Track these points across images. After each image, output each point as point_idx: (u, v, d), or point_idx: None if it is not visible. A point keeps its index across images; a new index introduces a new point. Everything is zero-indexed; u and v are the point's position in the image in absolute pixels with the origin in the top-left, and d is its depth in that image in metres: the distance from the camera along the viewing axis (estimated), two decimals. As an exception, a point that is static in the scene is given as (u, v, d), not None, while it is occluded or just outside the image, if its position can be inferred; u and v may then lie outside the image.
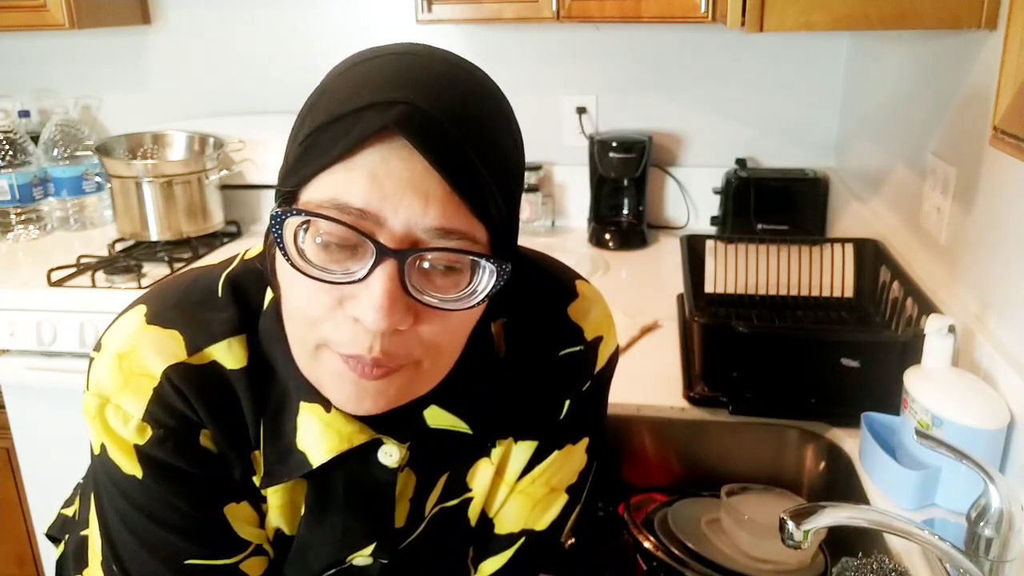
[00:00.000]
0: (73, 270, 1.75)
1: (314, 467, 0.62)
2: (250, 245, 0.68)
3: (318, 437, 0.62)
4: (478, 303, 0.54)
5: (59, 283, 1.71)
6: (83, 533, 0.75)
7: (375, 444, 0.64)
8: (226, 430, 0.62)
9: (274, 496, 0.66)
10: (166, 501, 0.62)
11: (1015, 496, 0.69)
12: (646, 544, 1.00)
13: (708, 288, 1.45)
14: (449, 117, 0.51)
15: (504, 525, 0.75)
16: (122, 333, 0.62)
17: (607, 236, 1.97)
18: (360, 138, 0.50)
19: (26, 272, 1.78)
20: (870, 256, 1.39)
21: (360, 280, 0.51)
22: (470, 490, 0.72)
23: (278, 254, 0.54)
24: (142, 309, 0.63)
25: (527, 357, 0.69)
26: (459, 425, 0.66)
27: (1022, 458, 0.88)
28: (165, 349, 0.61)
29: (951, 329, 0.98)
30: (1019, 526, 0.69)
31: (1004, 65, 0.96)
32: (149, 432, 0.60)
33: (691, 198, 2.06)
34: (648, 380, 1.24)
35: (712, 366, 1.18)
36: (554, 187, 2.11)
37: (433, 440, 0.66)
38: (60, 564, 0.86)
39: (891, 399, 1.01)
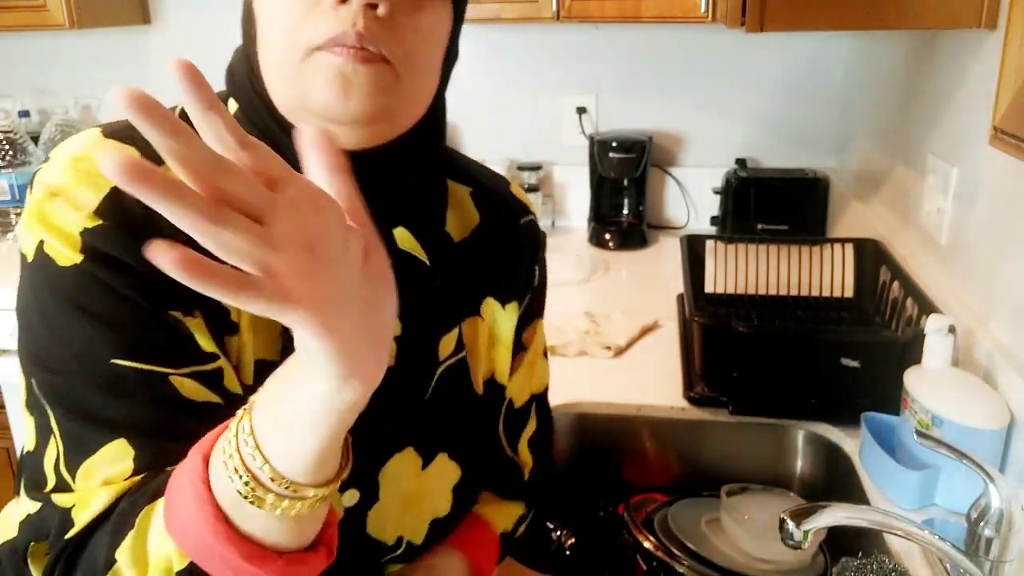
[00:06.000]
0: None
1: None
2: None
3: None
4: None
5: (59, 283, 1.70)
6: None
7: None
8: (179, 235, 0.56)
9: (248, 315, 0.59)
10: (101, 287, 0.54)
11: (1015, 496, 0.69)
12: (646, 544, 1.00)
13: (708, 288, 1.45)
14: None
15: (519, 398, 0.81)
16: (76, 142, 0.59)
17: (607, 236, 1.97)
18: None
19: (26, 272, 1.78)
20: (870, 256, 1.39)
21: None
22: (464, 347, 0.72)
23: None
24: (97, 129, 0.60)
25: (497, 221, 0.74)
26: (419, 252, 0.66)
27: (1022, 458, 0.88)
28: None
29: (951, 329, 0.98)
30: (1019, 526, 0.69)
31: (1004, 65, 0.96)
32: (99, 222, 0.55)
33: (691, 198, 2.06)
34: (648, 380, 1.24)
35: (712, 366, 1.18)
36: (554, 187, 2.11)
37: (404, 268, 0.63)
38: None
39: (891, 399, 1.01)
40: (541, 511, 0.90)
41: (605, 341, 1.37)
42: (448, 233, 0.71)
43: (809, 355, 1.12)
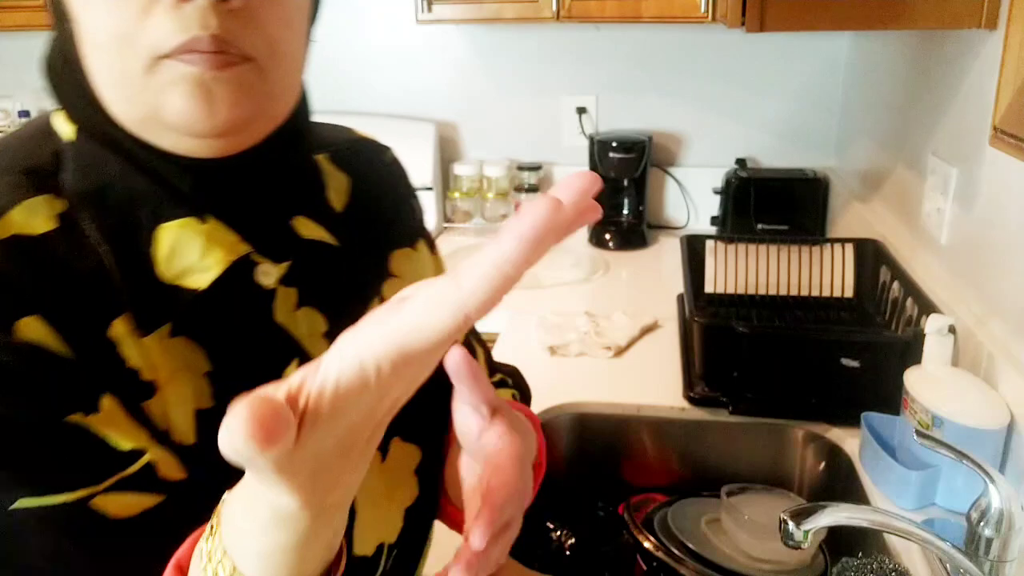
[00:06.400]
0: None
1: (202, 289, 0.50)
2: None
3: (199, 255, 0.51)
4: None
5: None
6: None
7: (250, 268, 0.54)
8: (60, 308, 0.46)
9: (164, 367, 0.49)
10: None
11: (1015, 496, 0.69)
12: (646, 544, 1.00)
13: (708, 288, 1.45)
14: None
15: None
16: None
17: (607, 236, 1.97)
18: None
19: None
20: (870, 256, 1.39)
21: None
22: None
23: None
24: (9, 152, 0.52)
25: (364, 174, 0.67)
26: (326, 236, 0.60)
27: (1022, 458, 0.88)
28: None
29: (951, 329, 0.98)
30: (1019, 526, 0.69)
31: (1004, 65, 0.96)
32: None
33: (691, 198, 2.06)
34: (648, 380, 1.25)
35: (712, 366, 1.18)
36: (554, 187, 2.10)
37: (315, 259, 0.58)
38: None
39: (891, 399, 1.01)
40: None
41: (605, 341, 1.37)
42: (333, 207, 0.63)
43: (809, 355, 1.12)
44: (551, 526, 1.11)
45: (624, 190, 1.98)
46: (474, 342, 0.76)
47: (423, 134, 2.02)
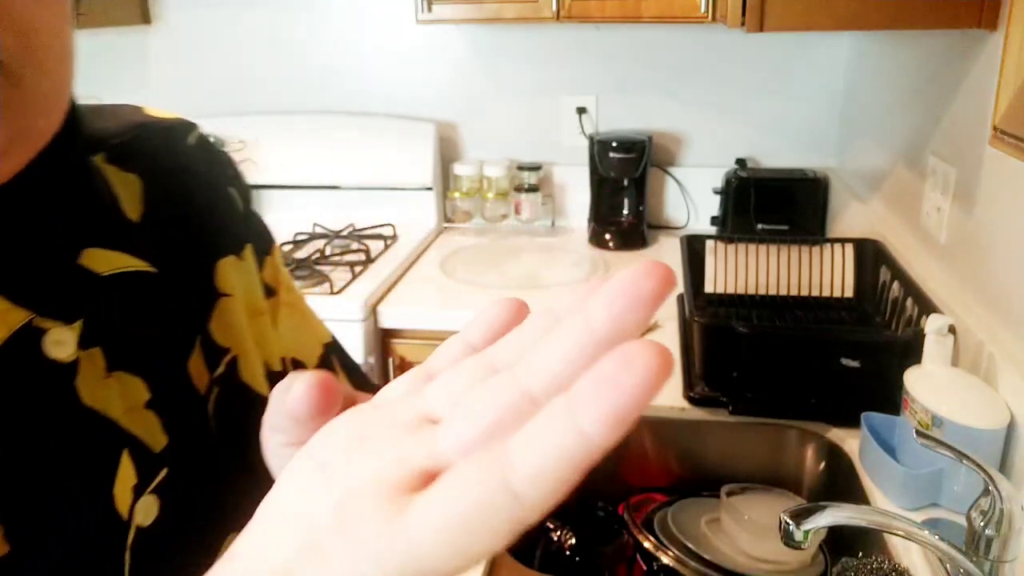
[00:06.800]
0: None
1: None
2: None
3: None
4: None
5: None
6: None
7: (35, 339, 0.39)
8: None
9: None
10: None
11: (1015, 496, 0.69)
12: (646, 544, 1.00)
13: (708, 288, 1.45)
14: None
15: (311, 356, 0.57)
16: None
17: (607, 236, 1.97)
18: None
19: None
20: (870, 256, 1.39)
21: None
22: (228, 348, 0.50)
23: None
24: None
25: (157, 168, 0.49)
26: (133, 263, 0.45)
27: (1022, 458, 0.88)
28: None
29: (951, 329, 0.98)
30: (1019, 526, 0.69)
31: (1004, 65, 0.96)
32: None
33: (691, 198, 2.06)
34: (648, 380, 1.24)
35: (712, 366, 1.18)
36: (554, 187, 2.11)
37: (122, 300, 0.44)
38: None
39: (891, 399, 1.01)
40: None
41: (605, 341, 1.37)
42: (129, 219, 0.47)
43: (809, 355, 1.12)
44: (551, 526, 1.11)
45: (624, 190, 1.98)
46: (338, 368, 0.59)
47: (423, 134, 2.02)
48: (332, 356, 0.59)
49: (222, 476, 0.46)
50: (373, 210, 2.05)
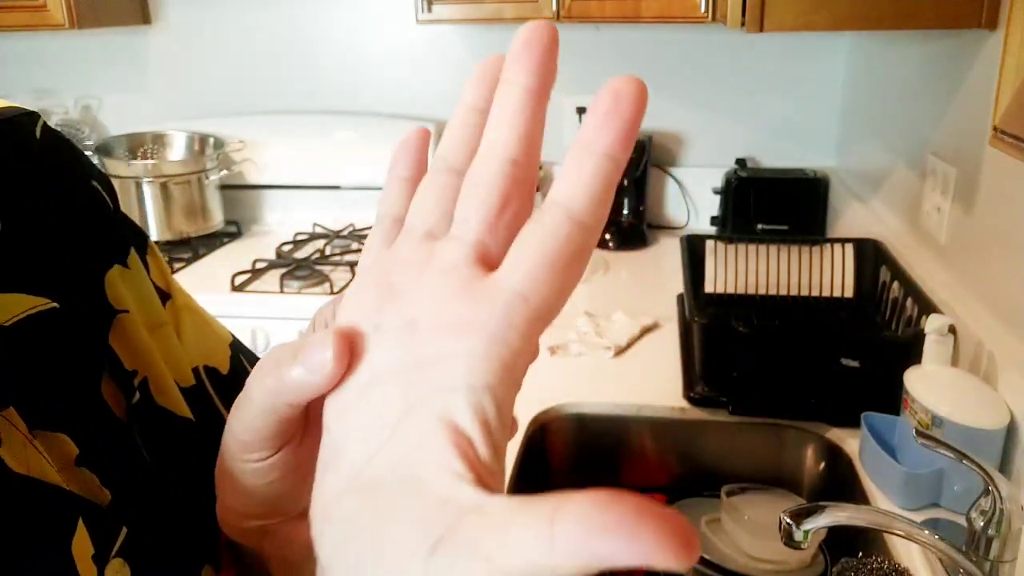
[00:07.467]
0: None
1: None
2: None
3: None
4: None
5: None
6: None
7: None
8: None
9: None
10: None
11: (1015, 496, 0.69)
12: (646, 544, 0.99)
13: (708, 288, 1.45)
14: None
15: (222, 361, 0.49)
16: None
17: (607, 236, 1.97)
18: None
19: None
20: (870, 256, 1.39)
21: None
22: (135, 371, 0.42)
23: None
24: None
25: (12, 169, 0.39)
26: (39, 302, 0.37)
27: (1022, 458, 0.88)
28: None
29: (951, 329, 0.98)
30: (1019, 526, 0.69)
31: (1004, 65, 0.96)
32: None
33: (691, 198, 2.06)
34: (648, 380, 1.24)
35: (712, 366, 1.18)
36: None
37: (28, 348, 0.35)
38: None
39: (891, 399, 1.01)
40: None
41: (605, 341, 1.37)
42: None
43: (809, 355, 1.12)
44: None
45: (624, 190, 1.98)
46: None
47: (423, 134, 2.02)
48: (240, 356, 0.52)
49: (176, 514, 0.41)
50: (373, 210, 2.03)
